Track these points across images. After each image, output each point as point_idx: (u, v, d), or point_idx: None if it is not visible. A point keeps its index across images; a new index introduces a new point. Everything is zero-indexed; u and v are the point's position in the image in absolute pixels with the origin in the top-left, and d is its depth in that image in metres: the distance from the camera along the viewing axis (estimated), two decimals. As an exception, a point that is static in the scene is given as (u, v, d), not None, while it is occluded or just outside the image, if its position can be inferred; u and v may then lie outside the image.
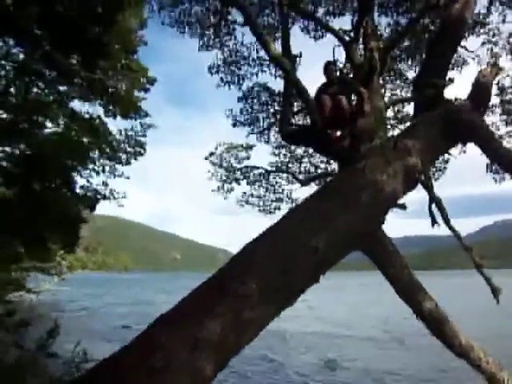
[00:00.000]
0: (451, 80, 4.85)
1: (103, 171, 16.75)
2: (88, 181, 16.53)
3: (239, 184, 14.29)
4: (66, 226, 14.17)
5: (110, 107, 15.64)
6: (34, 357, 8.30)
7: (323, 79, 5.45)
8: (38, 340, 8.55)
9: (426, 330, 3.97)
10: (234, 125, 12.62)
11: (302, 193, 14.24)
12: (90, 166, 16.45)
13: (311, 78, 5.49)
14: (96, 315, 26.75)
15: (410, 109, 11.15)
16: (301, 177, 13.21)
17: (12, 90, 14.16)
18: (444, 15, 5.66)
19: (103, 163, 16.75)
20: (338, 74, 5.40)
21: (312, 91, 5.30)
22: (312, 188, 11.84)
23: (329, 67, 5.29)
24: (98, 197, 16.50)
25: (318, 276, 3.19)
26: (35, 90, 14.89)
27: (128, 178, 17.72)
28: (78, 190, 15.97)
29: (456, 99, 9.02)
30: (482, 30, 10.38)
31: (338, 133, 5.04)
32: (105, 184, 16.74)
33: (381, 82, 9.97)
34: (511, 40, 10.25)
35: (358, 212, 3.27)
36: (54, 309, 27.76)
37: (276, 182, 14.16)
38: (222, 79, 11.43)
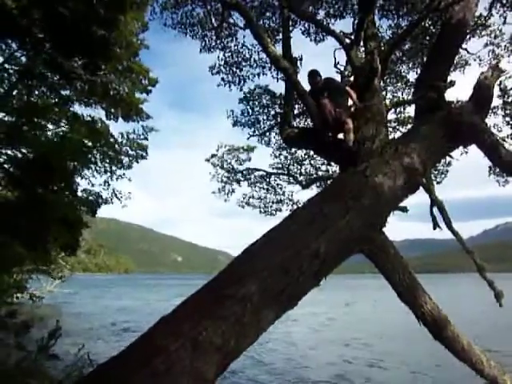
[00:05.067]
0: (452, 82, 4.84)
1: (105, 172, 16.76)
2: (91, 184, 16.58)
3: (240, 185, 14.30)
4: (67, 230, 14.17)
5: (112, 110, 15.69)
6: (36, 359, 8.29)
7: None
8: (39, 342, 8.53)
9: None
10: (235, 124, 12.63)
11: (303, 195, 14.25)
12: (91, 170, 16.48)
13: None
14: (97, 317, 26.69)
15: (411, 111, 11.16)
16: (302, 179, 13.19)
17: (14, 92, 14.22)
18: (445, 17, 5.67)
19: (105, 166, 16.77)
20: (321, 80, 5.43)
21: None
22: (313, 190, 11.86)
23: (312, 75, 5.39)
24: (100, 201, 16.52)
25: (319, 279, 3.18)
26: (37, 92, 14.96)
27: (130, 179, 17.68)
28: (79, 194, 15.99)
29: (458, 101, 9.05)
30: (483, 32, 10.38)
31: (340, 135, 5.06)
32: (107, 184, 16.73)
33: (382, 84, 9.98)
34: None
35: (359, 215, 3.27)
36: (55, 310, 27.76)
37: (277, 184, 14.15)
38: (223, 79, 11.46)
